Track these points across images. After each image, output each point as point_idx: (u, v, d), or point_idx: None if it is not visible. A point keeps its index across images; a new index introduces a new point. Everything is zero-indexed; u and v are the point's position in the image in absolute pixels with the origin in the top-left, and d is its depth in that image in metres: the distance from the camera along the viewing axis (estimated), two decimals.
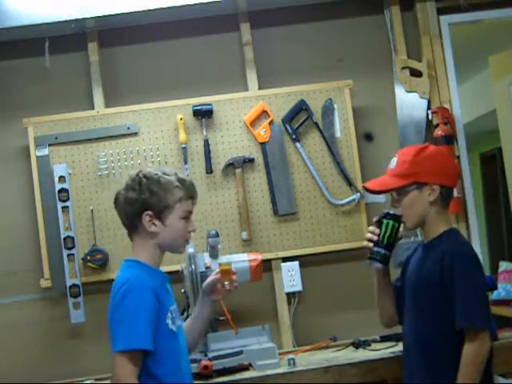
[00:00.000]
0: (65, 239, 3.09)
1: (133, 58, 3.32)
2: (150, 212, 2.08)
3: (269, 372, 2.67)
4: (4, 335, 3.15)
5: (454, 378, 2.13)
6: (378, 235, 2.29)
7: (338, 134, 3.25)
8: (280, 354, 2.83)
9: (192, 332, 2.29)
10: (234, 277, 2.30)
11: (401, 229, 2.31)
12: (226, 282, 2.29)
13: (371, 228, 2.31)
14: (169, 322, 2.06)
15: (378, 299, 2.43)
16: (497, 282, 3.63)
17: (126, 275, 2.06)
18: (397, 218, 2.28)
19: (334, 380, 2.62)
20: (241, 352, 2.75)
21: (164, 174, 2.12)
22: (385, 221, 2.28)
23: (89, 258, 3.10)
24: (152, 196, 2.08)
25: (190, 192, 2.15)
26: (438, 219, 2.28)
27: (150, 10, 3.10)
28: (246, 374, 2.69)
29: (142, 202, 2.08)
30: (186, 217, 2.14)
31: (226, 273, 2.30)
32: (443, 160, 2.32)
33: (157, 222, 2.09)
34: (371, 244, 2.29)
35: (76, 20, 3.09)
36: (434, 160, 2.28)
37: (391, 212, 2.29)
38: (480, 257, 2.48)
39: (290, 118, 3.22)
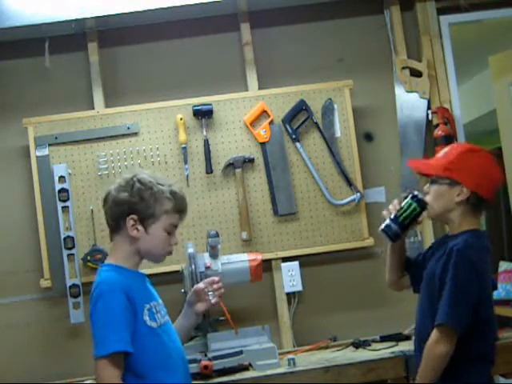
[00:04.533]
0: (65, 239, 3.09)
1: (133, 58, 3.32)
2: (134, 216, 2.08)
3: (269, 372, 2.67)
4: (4, 335, 3.15)
5: (452, 375, 2.14)
6: (398, 211, 2.27)
7: (338, 134, 3.25)
8: (280, 354, 2.84)
9: None
10: (215, 285, 2.27)
11: (424, 214, 2.29)
12: (210, 292, 2.26)
13: (395, 201, 2.31)
14: (146, 318, 2.05)
15: (387, 258, 2.45)
16: (497, 282, 3.64)
17: (98, 280, 2.07)
18: (421, 204, 2.25)
19: (334, 380, 2.62)
20: (241, 352, 2.75)
21: (158, 183, 2.12)
22: (409, 201, 2.26)
23: (89, 257, 3.10)
24: (141, 201, 2.08)
25: (179, 206, 2.14)
26: (462, 220, 2.26)
27: (150, 10, 3.10)
28: (246, 374, 2.69)
29: (130, 206, 2.08)
30: (171, 230, 2.13)
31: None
32: (486, 169, 2.27)
33: (140, 227, 2.09)
34: (388, 215, 2.29)
35: (76, 20, 3.09)
36: (476, 165, 2.25)
37: (419, 196, 2.27)
38: None
39: (290, 118, 3.22)
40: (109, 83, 3.29)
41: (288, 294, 3.21)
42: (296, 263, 3.20)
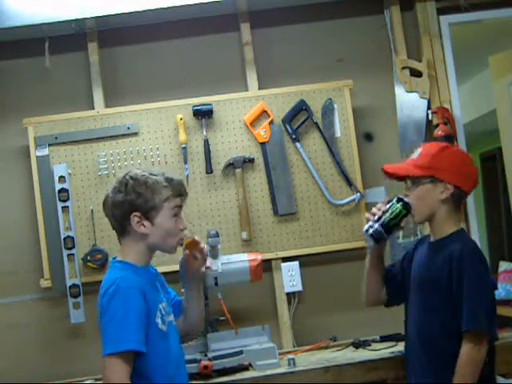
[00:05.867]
0: (65, 239, 3.09)
1: (133, 58, 3.33)
2: (137, 213, 2.07)
3: (269, 372, 2.67)
4: (4, 335, 3.15)
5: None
6: (383, 213, 2.28)
7: (338, 134, 3.26)
8: (280, 354, 2.84)
9: (190, 315, 2.27)
10: (200, 246, 2.22)
11: (408, 219, 2.30)
12: (197, 254, 2.21)
13: (379, 205, 2.31)
14: (158, 321, 2.05)
15: (366, 276, 2.44)
16: (497, 282, 3.64)
17: (113, 276, 2.04)
18: (407, 207, 2.27)
19: (334, 380, 2.62)
20: (241, 352, 2.75)
21: (151, 174, 2.11)
22: (395, 203, 2.28)
23: (89, 257, 3.10)
24: (138, 197, 2.07)
25: (178, 190, 2.13)
26: (447, 218, 2.28)
27: (150, 10, 3.10)
28: (246, 374, 2.69)
29: (129, 204, 2.08)
30: (176, 212, 2.12)
31: (192, 244, 2.22)
32: (465, 163, 2.32)
33: (145, 222, 2.08)
34: (372, 217, 2.29)
35: (76, 20, 3.09)
36: (455, 160, 2.29)
37: (405, 200, 2.28)
38: None
39: (290, 118, 3.22)
40: (109, 83, 3.29)
41: (288, 294, 3.21)
42: (296, 263, 3.20)
